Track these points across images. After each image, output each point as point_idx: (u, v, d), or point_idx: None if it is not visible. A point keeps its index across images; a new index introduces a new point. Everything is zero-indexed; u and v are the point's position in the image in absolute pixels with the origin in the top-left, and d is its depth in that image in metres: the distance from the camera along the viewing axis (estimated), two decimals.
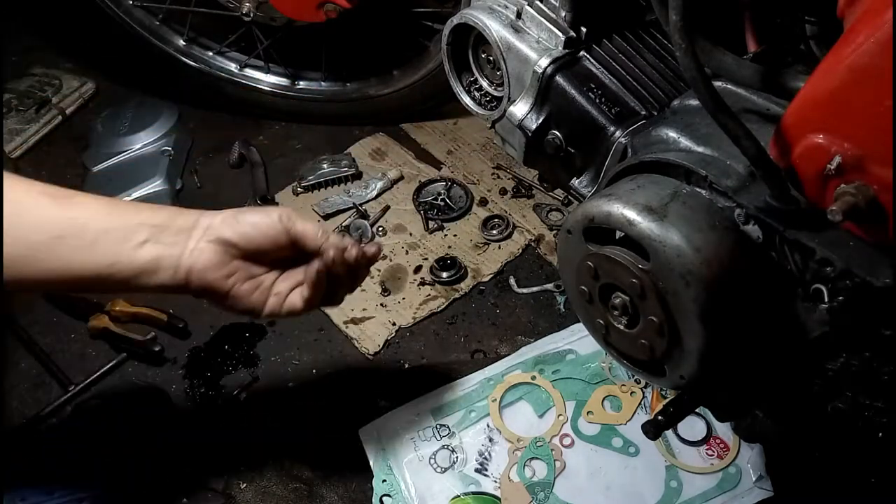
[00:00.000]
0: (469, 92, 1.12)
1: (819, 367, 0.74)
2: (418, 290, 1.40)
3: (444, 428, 1.19)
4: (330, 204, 1.52)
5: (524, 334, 1.32)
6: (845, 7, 0.63)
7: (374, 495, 1.13)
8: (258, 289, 0.90)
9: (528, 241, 1.46)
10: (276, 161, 1.63)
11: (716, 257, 0.71)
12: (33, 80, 1.77)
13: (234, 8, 1.46)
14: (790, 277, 0.71)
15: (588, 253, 0.80)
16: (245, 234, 0.86)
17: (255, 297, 0.90)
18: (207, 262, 0.85)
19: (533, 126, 0.98)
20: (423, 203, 1.52)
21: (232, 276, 0.87)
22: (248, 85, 1.65)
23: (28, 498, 1.05)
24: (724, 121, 0.68)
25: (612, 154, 0.91)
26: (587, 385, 1.22)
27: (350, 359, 1.32)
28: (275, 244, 0.88)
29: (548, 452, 1.15)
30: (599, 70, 0.95)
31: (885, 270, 0.64)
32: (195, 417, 1.26)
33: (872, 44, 0.58)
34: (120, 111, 1.67)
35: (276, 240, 0.88)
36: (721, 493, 1.11)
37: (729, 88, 0.82)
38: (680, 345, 0.75)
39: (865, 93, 0.60)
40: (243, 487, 1.15)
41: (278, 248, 0.89)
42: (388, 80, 1.58)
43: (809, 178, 0.67)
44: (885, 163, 0.60)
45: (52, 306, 1.40)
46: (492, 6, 1.01)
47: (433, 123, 1.67)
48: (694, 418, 1.17)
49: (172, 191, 1.55)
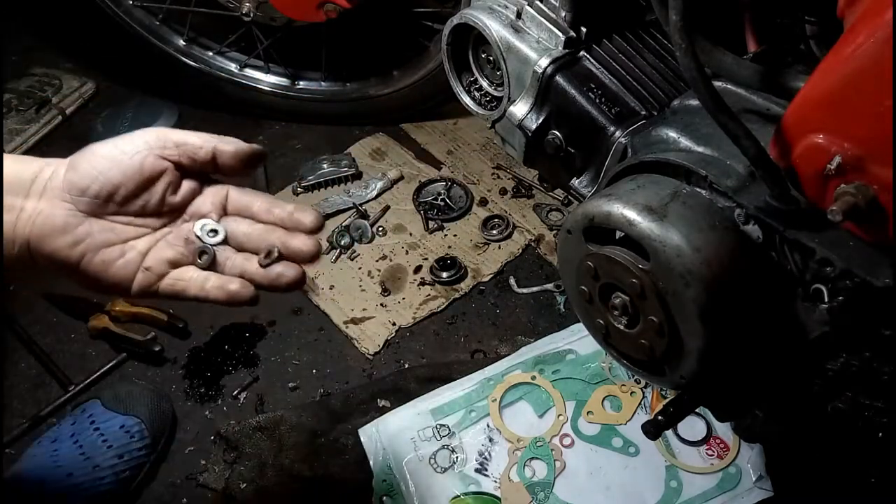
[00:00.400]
0: (469, 92, 1.12)
1: (819, 367, 0.74)
2: (418, 290, 1.40)
3: (444, 428, 1.19)
4: (330, 204, 1.52)
5: (524, 334, 1.32)
6: (845, 7, 0.63)
7: (374, 495, 1.13)
8: (121, 259, 0.68)
9: (528, 241, 1.46)
10: (276, 161, 1.63)
11: (716, 257, 0.71)
12: (33, 80, 1.77)
13: (234, 8, 1.46)
14: (790, 277, 0.71)
15: (588, 253, 0.80)
16: (100, 174, 0.65)
17: (116, 271, 0.67)
18: (47, 226, 0.64)
19: (533, 126, 0.98)
20: (423, 203, 1.52)
21: (82, 243, 0.66)
22: (248, 85, 1.65)
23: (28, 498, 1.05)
24: (724, 121, 0.68)
25: (612, 154, 0.91)
26: (587, 385, 1.22)
27: (350, 359, 1.32)
28: (143, 179, 0.67)
29: (548, 452, 1.15)
30: (599, 70, 0.95)
31: (885, 270, 0.64)
32: (195, 417, 1.26)
33: (872, 44, 0.58)
34: (120, 111, 1.68)
35: (143, 173, 0.67)
36: (721, 493, 1.11)
37: (729, 88, 0.82)
38: (680, 345, 0.75)
39: (865, 93, 0.60)
40: (243, 487, 1.15)
41: (148, 184, 0.68)
42: (388, 80, 1.58)
43: (809, 178, 0.67)
44: (885, 163, 0.60)
45: (52, 306, 1.40)
46: (492, 6, 1.01)
47: (433, 123, 1.67)
48: (694, 418, 1.17)
49: None
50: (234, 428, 1.21)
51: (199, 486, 1.18)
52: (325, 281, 1.42)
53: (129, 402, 1.17)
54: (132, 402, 1.18)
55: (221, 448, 1.20)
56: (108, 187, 0.66)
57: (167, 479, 1.19)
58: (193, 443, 1.23)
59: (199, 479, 1.18)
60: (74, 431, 1.14)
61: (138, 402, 1.18)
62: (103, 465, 1.11)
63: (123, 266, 0.68)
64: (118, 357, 1.32)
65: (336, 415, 1.23)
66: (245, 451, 1.19)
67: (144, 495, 1.17)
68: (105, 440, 1.13)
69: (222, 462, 1.19)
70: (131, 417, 1.16)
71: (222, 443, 1.21)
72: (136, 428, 1.16)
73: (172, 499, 1.18)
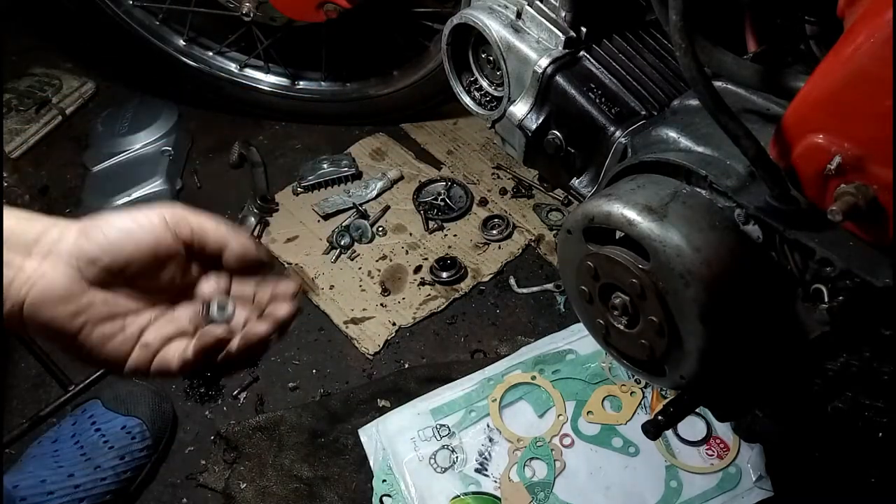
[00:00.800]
0: (469, 92, 1.12)
1: (819, 367, 0.74)
2: (418, 290, 1.40)
3: (444, 428, 1.19)
4: (330, 204, 1.52)
5: (524, 334, 1.32)
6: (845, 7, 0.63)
7: (374, 495, 1.13)
8: (120, 334, 0.64)
9: (528, 241, 1.46)
10: (276, 161, 1.63)
11: (716, 257, 0.71)
12: (33, 80, 1.77)
13: (234, 8, 1.46)
14: (790, 277, 0.71)
15: (588, 253, 0.79)
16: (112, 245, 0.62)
17: (114, 346, 0.63)
18: (48, 292, 0.60)
19: (533, 126, 0.98)
20: (423, 203, 1.52)
21: (83, 314, 0.61)
22: (248, 85, 1.65)
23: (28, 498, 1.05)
24: (724, 121, 0.68)
25: (612, 154, 0.91)
26: (587, 385, 1.22)
27: (350, 359, 1.32)
28: (155, 256, 0.63)
29: (548, 452, 1.15)
30: (599, 70, 0.95)
31: (885, 270, 0.64)
32: (195, 417, 1.26)
33: (872, 44, 0.58)
34: (120, 111, 1.68)
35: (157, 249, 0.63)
36: (721, 493, 1.11)
37: (729, 88, 0.82)
38: (680, 345, 0.75)
39: (865, 93, 0.60)
40: (243, 487, 1.15)
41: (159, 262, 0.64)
42: (388, 80, 1.58)
43: (809, 178, 0.66)
44: (885, 163, 0.60)
45: None
46: (492, 6, 1.01)
47: (433, 123, 1.67)
48: (694, 418, 1.17)
49: (172, 191, 1.55)
50: (234, 428, 1.21)
51: (199, 486, 1.18)
52: (325, 281, 1.42)
53: (129, 403, 1.18)
54: (133, 402, 1.18)
55: (221, 448, 1.21)
56: (120, 261, 0.62)
57: (167, 479, 1.19)
58: (193, 443, 1.23)
59: (199, 479, 1.18)
60: (75, 432, 1.14)
61: (139, 403, 1.18)
62: (105, 466, 1.11)
63: (122, 342, 0.64)
64: None
65: (336, 415, 1.23)
66: (245, 451, 1.19)
67: (144, 495, 1.18)
68: (106, 441, 1.13)
69: (222, 462, 1.19)
70: (132, 418, 1.16)
71: (222, 443, 1.21)
72: (138, 429, 1.16)
73: (172, 499, 1.18)
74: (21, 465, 1.11)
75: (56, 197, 1.60)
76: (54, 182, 1.62)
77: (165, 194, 1.53)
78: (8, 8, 1.88)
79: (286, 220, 1.53)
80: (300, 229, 1.51)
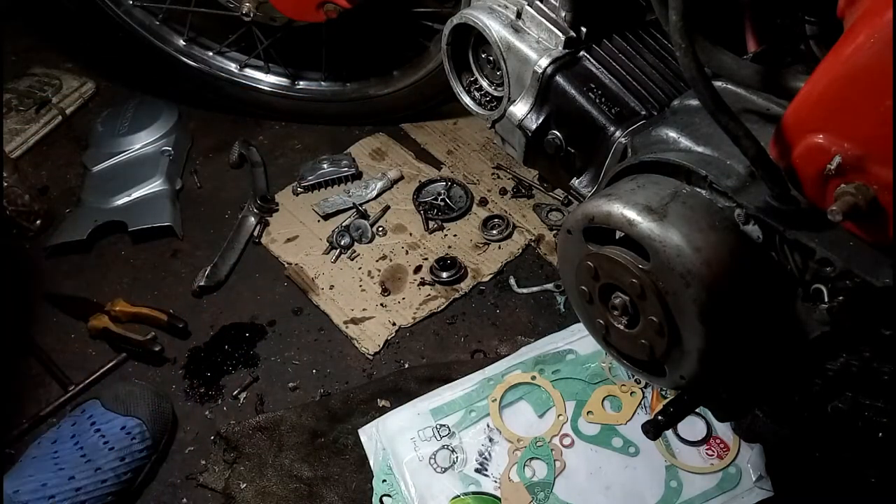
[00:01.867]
0: (469, 92, 1.12)
1: (819, 367, 0.74)
2: (418, 290, 1.40)
3: (444, 428, 1.19)
4: (330, 204, 1.52)
5: (524, 334, 1.32)
6: (845, 7, 0.63)
7: (374, 495, 1.13)
8: None
9: (528, 241, 1.46)
10: (276, 161, 1.63)
11: (716, 257, 0.71)
12: (33, 80, 1.77)
13: (234, 8, 1.46)
14: (790, 277, 0.71)
15: (588, 253, 0.80)
16: None
17: None
18: None
19: (533, 126, 0.98)
20: (423, 203, 1.52)
21: None
22: (248, 85, 1.65)
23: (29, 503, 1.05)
24: (724, 121, 0.68)
25: (612, 154, 0.91)
26: (587, 385, 1.22)
27: (350, 359, 1.32)
28: None
29: (548, 452, 1.15)
30: (599, 70, 0.95)
31: (885, 270, 0.64)
32: (195, 417, 1.26)
33: (872, 44, 0.58)
34: (120, 111, 1.68)
35: None
36: (721, 493, 1.11)
37: (729, 88, 0.82)
38: (680, 345, 0.75)
39: (865, 93, 0.60)
40: (243, 487, 1.15)
41: None
42: (388, 80, 1.58)
43: (809, 178, 0.67)
44: (885, 163, 0.60)
45: (52, 306, 1.40)
46: (492, 6, 1.01)
47: (433, 123, 1.67)
48: (694, 418, 1.17)
49: (172, 191, 1.55)
50: (234, 428, 1.21)
51: (199, 486, 1.18)
52: (325, 281, 1.42)
53: (129, 403, 1.17)
54: (133, 402, 1.18)
55: (221, 448, 1.20)
56: None
57: (167, 479, 1.19)
58: (193, 443, 1.23)
59: (199, 479, 1.18)
60: (75, 433, 1.14)
61: (139, 403, 1.18)
62: (105, 467, 1.11)
63: None
64: (118, 357, 1.32)
65: (336, 415, 1.23)
66: (245, 451, 1.19)
67: (144, 495, 1.17)
68: (106, 442, 1.13)
69: (222, 462, 1.19)
70: (132, 418, 1.16)
71: (222, 443, 1.21)
72: (138, 429, 1.16)
73: (172, 499, 1.18)
74: (21, 468, 1.11)
75: (56, 197, 1.60)
76: (54, 182, 1.62)
77: (165, 194, 1.53)
78: (8, 8, 1.88)
79: (286, 220, 1.53)
80: (300, 229, 1.51)
